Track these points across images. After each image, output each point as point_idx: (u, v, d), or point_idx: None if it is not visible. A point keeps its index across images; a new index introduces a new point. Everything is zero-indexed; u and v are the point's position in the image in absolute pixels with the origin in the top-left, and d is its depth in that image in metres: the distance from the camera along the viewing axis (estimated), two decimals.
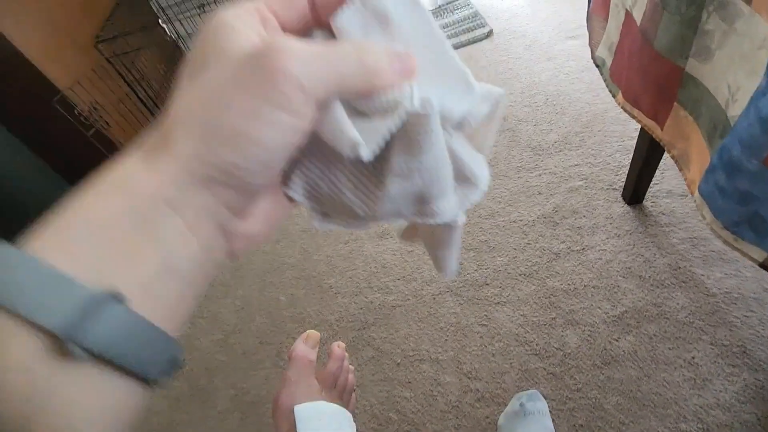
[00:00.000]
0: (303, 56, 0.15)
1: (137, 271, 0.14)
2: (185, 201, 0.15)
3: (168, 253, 0.15)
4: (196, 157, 0.15)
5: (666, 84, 0.69)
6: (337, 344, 0.57)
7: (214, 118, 0.15)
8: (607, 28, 0.86)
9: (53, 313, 0.12)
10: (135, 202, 0.15)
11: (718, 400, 0.75)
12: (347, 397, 0.53)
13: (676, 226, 0.98)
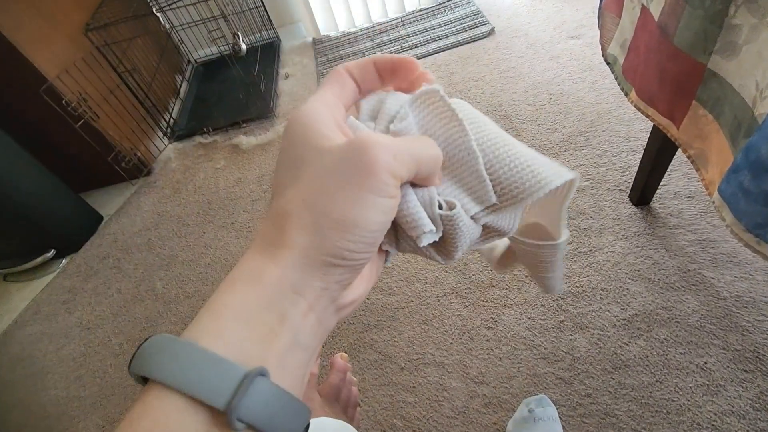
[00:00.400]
0: (392, 148, 0.18)
1: (273, 349, 0.17)
2: (306, 285, 0.17)
3: (295, 331, 0.17)
4: (312, 246, 0.17)
5: (685, 81, 0.67)
6: (340, 355, 0.53)
7: (324, 209, 0.17)
8: (620, 25, 0.84)
9: (215, 391, 0.14)
10: (267, 291, 0.17)
11: (733, 407, 0.73)
12: (351, 412, 0.50)
13: (684, 228, 0.96)
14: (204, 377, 0.15)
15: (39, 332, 1.25)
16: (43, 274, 1.41)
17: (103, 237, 1.45)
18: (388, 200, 0.18)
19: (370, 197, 0.17)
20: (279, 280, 0.17)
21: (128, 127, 1.48)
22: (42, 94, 1.15)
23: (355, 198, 0.17)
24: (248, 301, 0.17)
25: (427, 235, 0.21)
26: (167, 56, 1.85)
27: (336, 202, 0.17)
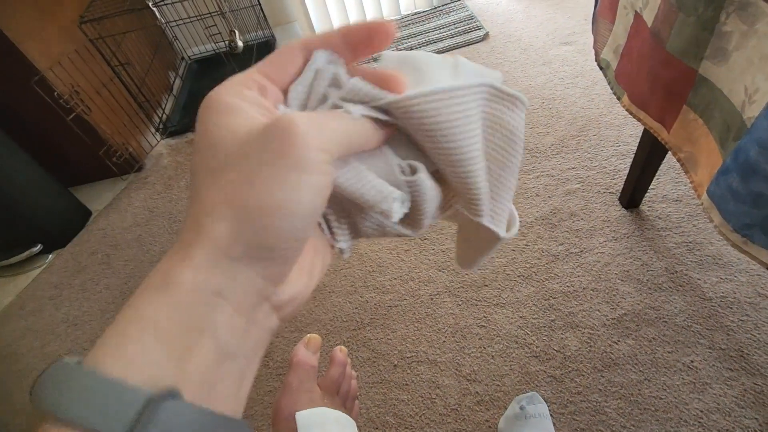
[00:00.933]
0: (311, 121, 0.16)
1: (193, 365, 0.15)
2: (227, 285, 0.15)
3: (221, 340, 0.15)
4: (231, 238, 0.15)
5: (676, 86, 0.69)
6: (339, 348, 0.53)
7: (241, 197, 0.15)
8: (613, 31, 0.86)
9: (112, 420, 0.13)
10: (180, 298, 0.15)
11: (718, 404, 0.75)
12: (350, 405, 0.50)
13: (672, 231, 0.98)
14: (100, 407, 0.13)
15: (24, 328, 1.22)
16: (29, 269, 1.38)
17: (91, 232, 1.43)
18: (317, 177, 0.15)
19: (295, 176, 0.15)
20: (193, 283, 0.15)
21: (120, 121, 1.46)
22: (34, 86, 1.13)
23: (278, 179, 0.15)
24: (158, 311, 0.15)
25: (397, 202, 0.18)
26: (161, 52, 1.83)
27: (257, 187, 0.15)
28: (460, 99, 0.18)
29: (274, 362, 0.98)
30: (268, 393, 0.93)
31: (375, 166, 0.19)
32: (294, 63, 0.19)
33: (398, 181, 0.19)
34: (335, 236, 0.20)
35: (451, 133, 0.18)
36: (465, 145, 0.19)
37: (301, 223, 0.16)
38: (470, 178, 0.19)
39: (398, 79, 0.18)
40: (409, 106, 0.17)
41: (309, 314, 1.04)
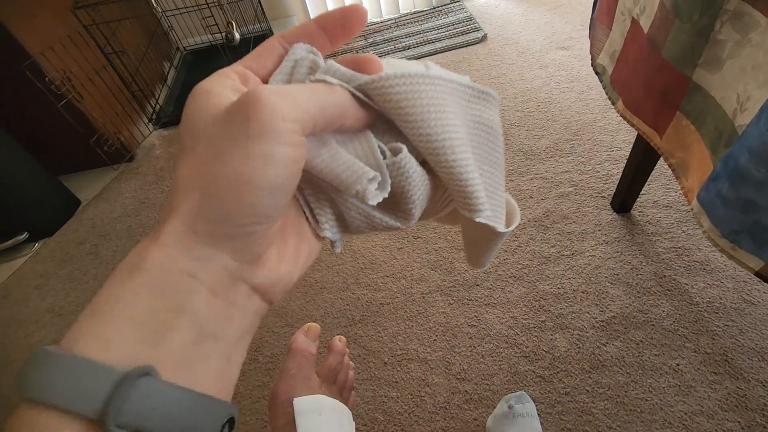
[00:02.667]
0: (277, 90, 0.16)
1: (169, 345, 0.15)
2: (199, 265, 0.15)
3: (198, 321, 0.15)
4: (199, 215, 0.15)
5: (670, 92, 0.70)
6: (338, 338, 0.54)
7: (209, 173, 0.15)
8: (610, 36, 0.87)
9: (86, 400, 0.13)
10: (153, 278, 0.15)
11: (702, 407, 0.76)
12: (347, 395, 0.50)
13: (661, 236, 1.00)
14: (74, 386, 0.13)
15: (7, 317, 1.20)
16: (13, 257, 1.35)
17: (80, 222, 1.41)
18: (286, 149, 0.15)
19: (262, 147, 0.15)
20: (166, 263, 0.15)
21: (113, 110, 1.44)
22: (25, 71, 1.11)
23: (244, 151, 0.15)
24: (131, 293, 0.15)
25: (373, 184, 0.18)
26: (156, 42, 1.81)
27: (225, 161, 0.15)
28: (435, 87, 0.18)
29: (263, 357, 0.97)
30: (256, 387, 0.92)
31: (356, 148, 0.19)
32: (274, 55, 0.19)
33: (379, 165, 0.18)
34: (320, 225, 0.20)
35: (429, 118, 0.18)
36: (442, 131, 0.18)
37: (268, 198, 0.15)
38: (455, 169, 0.19)
39: (374, 61, 0.18)
40: (386, 86, 0.17)
41: (300, 310, 1.04)
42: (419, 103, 0.18)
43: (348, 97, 0.18)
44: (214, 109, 0.16)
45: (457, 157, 0.19)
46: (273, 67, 0.19)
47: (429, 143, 0.18)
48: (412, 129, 0.18)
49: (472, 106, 0.20)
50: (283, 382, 0.44)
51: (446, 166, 0.19)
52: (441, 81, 0.19)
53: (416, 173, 0.19)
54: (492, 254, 0.26)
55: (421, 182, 0.20)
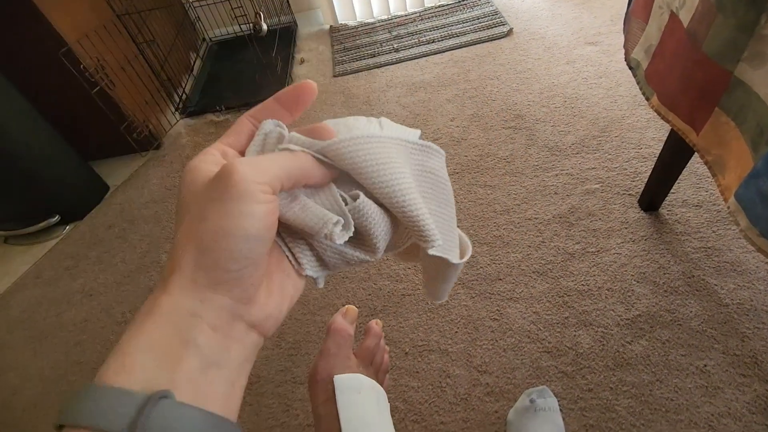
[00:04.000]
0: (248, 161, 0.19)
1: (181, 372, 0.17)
2: (201, 307, 0.18)
3: (203, 353, 0.18)
4: (196, 267, 0.18)
5: (710, 88, 0.68)
6: (375, 322, 0.55)
7: (198, 230, 0.19)
8: (646, 30, 0.86)
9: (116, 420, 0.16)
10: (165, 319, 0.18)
11: (729, 409, 0.75)
12: (382, 377, 0.51)
13: (690, 236, 0.98)
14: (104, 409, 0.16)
15: (39, 296, 1.25)
16: (46, 239, 1.40)
17: (109, 206, 1.45)
18: (258, 206, 0.18)
19: (236, 206, 0.18)
20: (173, 307, 0.18)
21: (142, 98, 1.47)
22: (61, 58, 1.14)
23: (224, 211, 0.18)
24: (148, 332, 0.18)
25: (338, 226, 0.21)
26: (183, 32, 1.84)
27: (207, 221, 0.18)
28: (382, 144, 0.22)
29: (286, 343, 0.99)
30: (279, 372, 0.94)
31: (322, 200, 0.22)
32: (246, 131, 0.23)
33: (342, 210, 0.22)
34: (302, 265, 0.23)
35: (380, 169, 0.21)
36: (393, 179, 0.22)
37: (249, 244, 0.19)
38: (407, 208, 0.22)
39: (328, 130, 0.22)
40: (339, 149, 0.21)
41: (322, 298, 1.05)
42: (369, 158, 0.21)
43: (310, 160, 0.21)
44: (201, 180, 0.20)
45: (406, 199, 0.22)
46: (247, 142, 0.23)
47: (381, 189, 0.22)
48: (365, 179, 0.21)
49: (416, 158, 0.24)
50: (323, 361, 0.45)
51: (399, 207, 0.22)
52: (386, 139, 0.22)
53: (375, 213, 0.22)
54: (448, 286, 0.30)
55: (381, 221, 0.23)
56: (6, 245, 1.43)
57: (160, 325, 0.18)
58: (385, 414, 0.46)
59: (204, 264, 0.18)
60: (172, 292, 0.18)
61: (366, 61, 1.77)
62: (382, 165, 0.22)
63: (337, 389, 0.41)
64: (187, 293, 0.18)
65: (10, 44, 1.22)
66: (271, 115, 0.23)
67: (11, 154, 1.22)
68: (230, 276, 0.19)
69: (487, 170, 1.22)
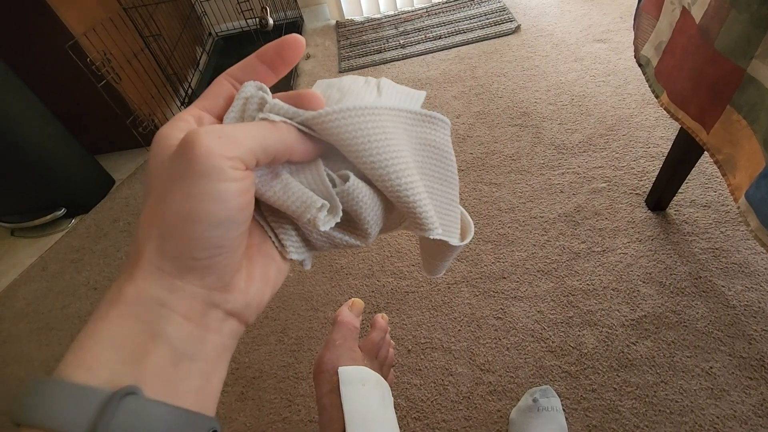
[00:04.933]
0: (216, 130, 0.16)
1: (149, 365, 0.16)
2: (169, 296, 0.17)
3: (174, 345, 0.17)
4: (160, 255, 0.17)
5: (722, 86, 0.67)
6: (381, 315, 0.54)
7: (160, 213, 0.16)
8: (657, 27, 0.84)
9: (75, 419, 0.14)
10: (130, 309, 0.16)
11: (735, 411, 0.74)
12: (386, 371, 0.51)
13: (698, 236, 0.97)
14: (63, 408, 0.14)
15: (45, 289, 1.25)
16: (51, 231, 1.41)
17: (114, 200, 1.45)
18: (226, 185, 0.16)
19: (201, 185, 0.16)
20: (139, 296, 0.16)
21: (148, 92, 1.47)
22: (68, 51, 1.14)
23: (187, 191, 0.16)
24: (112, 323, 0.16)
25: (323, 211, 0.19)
26: (189, 26, 1.84)
27: (170, 201, 0.16)
28: (377, 117, 0.19)
29: (288, 338, 0.99)
30: (282, 367, 0.94)
31: (306, 178, 0.19)
32: (225, 94, 0.20)
33: (329, 193, 0.19)
34: (286, 248, 0.21)
35: (373, 147, 0.19)
36: (388, 159, 0.19)
37: (219, 230, 0.16)
38: (402, 192, 0.20)
39: (314, 98, 0.19)
40: (326, 122, 0.18)
41: (326, 294, 1.05)
42: (360, 134, 0.19)
43: (293, 133, 0.18)
44: (167, 152, 0.17)
45: (401, 182, 0.20)
46: (225, 106, 0.20)
47: (374, 170, 0.19)
48: (356, 158, 0.19)
49: (417, 129, 0.22)
50: (329, 352, 0.45)
51: (394, 190, 0.20)
52: (383, 111, 0.20)
53: (366, 197, 0.20)
54: (447, 264, 0.28)
55: (373, 205, 0.21)
56: (12, 238, 1.44)
57: (125, 315, 0.16)
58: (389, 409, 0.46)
59: (168, 252, 0.16)
60: (137, 280, 0.17)
61: (372, 57, 1.76)
62: (376, 142, 0.19)
63: (342, 381, 0.41)
64: (154, 281, 0.17)
65: (17, 37, 1.22)
66: (252, 75, 0.20)
67: (18, 147, 1.22)
68: (200, 264, 0.17)
69: (492, 168, 1.22)
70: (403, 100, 0.22)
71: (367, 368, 0.44)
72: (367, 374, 0.44)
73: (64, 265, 1.30)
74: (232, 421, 0.89)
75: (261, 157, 0.17)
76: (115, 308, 0.16)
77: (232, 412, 0.90)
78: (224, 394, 0.93)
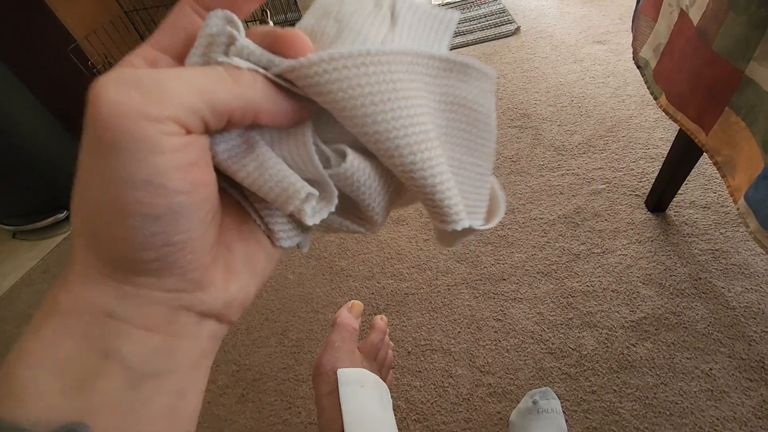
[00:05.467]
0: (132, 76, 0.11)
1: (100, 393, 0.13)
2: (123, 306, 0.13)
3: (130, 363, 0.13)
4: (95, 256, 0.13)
5: (720, 87, 0.67)
6: (380, 317, 0.55)
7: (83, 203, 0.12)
8: (655, 29, 0.85)
9: None
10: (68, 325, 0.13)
11: (735, 413, 0.74)
12: (385, 373, 0.51)
13: (698, 237, 0.97)
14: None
15: (46, 291, 1.25)
16: (53, 234, 1.42)
17: None
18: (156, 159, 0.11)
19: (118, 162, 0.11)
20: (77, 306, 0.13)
21: None
22: (69, 54, 1.15)
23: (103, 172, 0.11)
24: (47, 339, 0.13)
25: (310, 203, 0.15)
26: None
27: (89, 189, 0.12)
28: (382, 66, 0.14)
29: (288, 340, 0.99)
30: (282, 370, 0.95)
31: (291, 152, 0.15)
32: (186, 26, 0.15)
33: (320, 175, 0.15)
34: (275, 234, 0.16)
35: (376, 111, 0.14)
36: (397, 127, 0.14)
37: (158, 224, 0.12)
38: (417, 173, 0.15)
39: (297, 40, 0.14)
40: (309, 75, 0.13)
41: (326, 296, 1.05)
42: (359, 93, 0.13)
43: (260, 87, 0.13)
44: None
45: (417, 159, 0.15)
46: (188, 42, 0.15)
47: (378, 143, 0.14)
48: (353, 127, 0.14)
49: (443, 82, 0.16)
50: (328, 354, 0.45)
51: (405, 170, 0.15)
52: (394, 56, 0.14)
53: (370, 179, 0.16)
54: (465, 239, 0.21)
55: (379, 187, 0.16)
56: (14, 240, 1.44)
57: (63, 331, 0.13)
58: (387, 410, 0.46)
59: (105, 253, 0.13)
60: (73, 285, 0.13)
61: None
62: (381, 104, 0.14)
63: (340, 382, 0.41)
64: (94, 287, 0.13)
65: (19, 40, 1.23)
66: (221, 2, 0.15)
67: (19, 149, 1.23)
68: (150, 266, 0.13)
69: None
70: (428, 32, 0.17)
71: (365, 370, 0.45)
72: (365, 376, 0.44)
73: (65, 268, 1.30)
74: (232, 423, 0.89)
75: (208, 116, 0.12)
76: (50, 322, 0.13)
77: (233, 414, 0.90)
78: (224, 396, 0.93)
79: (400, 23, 0.16)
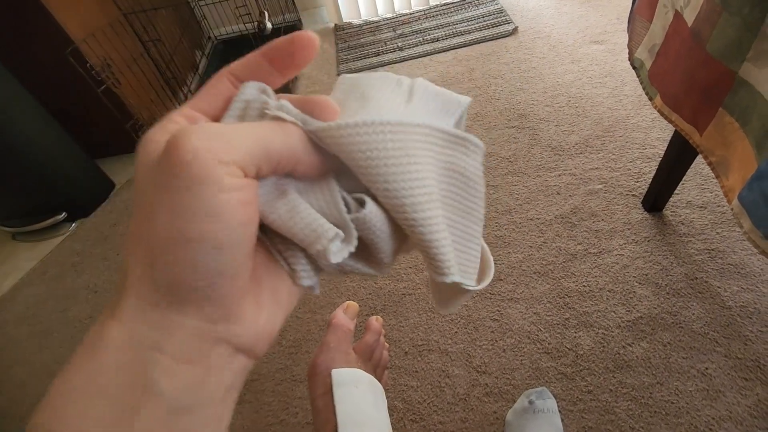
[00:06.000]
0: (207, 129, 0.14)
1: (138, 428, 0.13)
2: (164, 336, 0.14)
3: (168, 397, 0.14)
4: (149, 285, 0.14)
5: (714, 88, 0.67)
6: (375, 318, 0.55)
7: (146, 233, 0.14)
8: (650, 30, 0.85)
9: None
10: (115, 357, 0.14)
11: (731, 413, 0.74)
12: (380, 373, 0.52)
13: (694, 237, 0.97)
14: None
15: (45, 292, 1.26)
16: (52, 235, 1.42)
17: (114, 204, 1.46)
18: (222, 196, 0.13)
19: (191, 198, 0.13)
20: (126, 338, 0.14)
21: (148, 97, 1.48)
22: (68, 56, 1.15)
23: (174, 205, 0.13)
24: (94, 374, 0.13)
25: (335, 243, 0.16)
26: (189, 31, 1.85)
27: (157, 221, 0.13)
28: (397, 135, 0.16)
29: (286, 341, 1.00)
30: (279, 370, 0.95)
31: (318, 199, 0.17)
32: (223, 92, 0.17)
33: (343, 219, 0.17)
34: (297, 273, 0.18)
35: (388, 172, 0.16)
36: (403, 188, 0.16)
37: (217, 253, 0.13)
38: (417, 228, 0.17)
39: (327, 106, 0.16)
40: (338, 136, 0.15)
41: (323, 297, 1.05)
42: (377, 155, 0.16)
43: (302, 139, 0.16)
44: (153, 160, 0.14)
45: (419, 216, 0.17)
46: (224, 107, 0.17)
47: (389, 199, 0.17)
48: (370, 183, 0.16)
49: (447, 152, 0.19)
50: (323, 354, 0.45)
51: (409, 225, 0.17)
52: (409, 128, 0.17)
53: (384, 225, 0.18)
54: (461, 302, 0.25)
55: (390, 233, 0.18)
56: (13, 242, 1.45)
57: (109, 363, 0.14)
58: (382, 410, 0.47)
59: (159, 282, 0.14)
60: (123, 317, 0.14)
61: (370, 60, 1.77)
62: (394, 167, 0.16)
63: (335, 382, 0.42)
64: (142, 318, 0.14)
65: (18, 42, 1.23)
66: (256, 75, 0.17)
67: (19, 151, 1.23)
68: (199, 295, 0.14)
69: (489, 170, 1.22)
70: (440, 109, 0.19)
71: (360, 370, 0.45)
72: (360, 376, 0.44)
73: (64, 269, 1.31)
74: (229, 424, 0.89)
75: (263, 163, 0.14)
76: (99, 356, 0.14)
77: None
78: None
79: (417, 100, 0.19)
